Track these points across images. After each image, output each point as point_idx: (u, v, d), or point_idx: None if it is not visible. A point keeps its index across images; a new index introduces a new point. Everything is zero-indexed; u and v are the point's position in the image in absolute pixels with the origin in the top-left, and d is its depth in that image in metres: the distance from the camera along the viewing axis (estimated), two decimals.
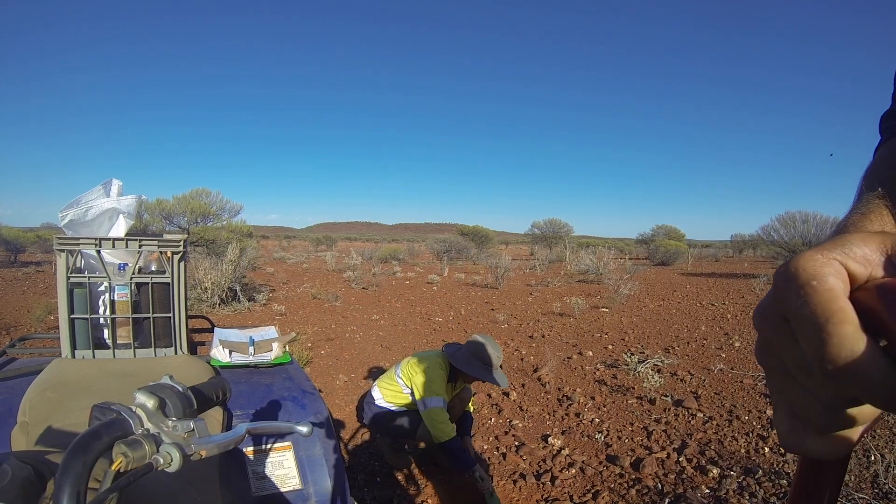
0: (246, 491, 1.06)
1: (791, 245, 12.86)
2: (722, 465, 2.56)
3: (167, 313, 1.41)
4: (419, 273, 14.22)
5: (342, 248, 28.76)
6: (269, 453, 1.13)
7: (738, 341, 5.23)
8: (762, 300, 0.29)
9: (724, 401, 3.48)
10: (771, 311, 0.28)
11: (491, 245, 22.93)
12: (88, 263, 1.40)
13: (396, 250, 20.14)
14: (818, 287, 0.25)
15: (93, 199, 1.45)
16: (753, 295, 9.12)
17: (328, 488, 1.12)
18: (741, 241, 27.18)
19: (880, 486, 2.24)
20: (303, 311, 7.49)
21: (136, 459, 0.55)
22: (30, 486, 0.56)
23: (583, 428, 3.14)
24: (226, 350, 1.43)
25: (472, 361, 2.51)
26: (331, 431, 1.23)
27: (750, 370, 4.16)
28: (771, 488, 2.31)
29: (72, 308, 1.33)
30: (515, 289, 10.51)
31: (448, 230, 34.01)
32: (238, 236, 10.90)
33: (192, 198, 11.22)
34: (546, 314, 7.31)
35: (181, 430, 0.60)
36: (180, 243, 1.39)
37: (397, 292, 9.81)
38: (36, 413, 1.01)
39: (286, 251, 25.88)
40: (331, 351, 5.16)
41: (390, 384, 2.60)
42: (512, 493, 2.41)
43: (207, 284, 7.45)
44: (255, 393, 1.27)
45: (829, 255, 0.26)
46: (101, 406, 0.60)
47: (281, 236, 68.57)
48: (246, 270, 9.39)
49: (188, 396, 0.66)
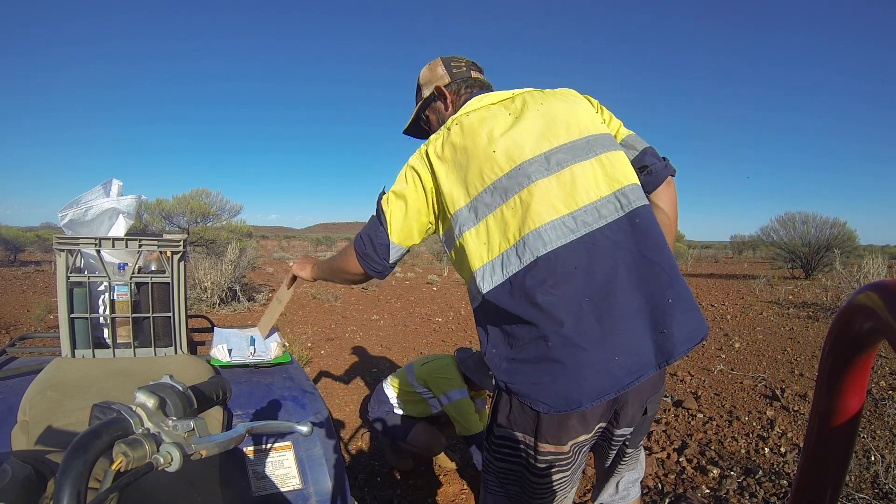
0: (246, 491, 1.06)
1: (790, 246, 12.86)
2: (722, 465, 2.56)
3: (167, 313, 1.41)
4: (419, 273, 14.22)
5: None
6: (269, 453, 1.13)
7: (738, 342, 5.23)
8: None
9: (723, 401, 3.48)
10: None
11: None
12: (88, 263, 1.40)
13: None
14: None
15: (92, 199, 1.46)
16: (753, 296, 9.12)
17: (328, 488, 1.12)
18: (741, 242, 27.17)
19: (880, 486, 2.24)
20: (302, 310, 7.49)
21: (136, 459, 0.55)
22: (30, 485, 0.56)
23: None
24: (226, 350, 1.43)
25: (482, 370, 2.38)
26: (331, 431, 1.23)
27: (750, 371, 4.17)
28: (771, 488, 2.31)
29: (72, 307, 1.33)
30: None
31: None
32: (238, 236, 10.90)
33: (192, 198, 11.21)
34: None
35: (181, 429, 0.60)
36: (180, 243, 1.39)
37: (397, 292, 9.81)
38: (36, 412, 1.01)
39: (286, 251, 25.89)
40: (331, 351, 5.16)
41: (402, 383, 2.57)
42: None
43: (207, 284, 7.45)
44: (255, 393, 1.27)
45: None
46: (101, 405, 0.60)
47: (280, 236, 68.60)
48: (246, 270, 9.39)
49: (188, 396, 0.66)
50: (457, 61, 1.33)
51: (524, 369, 0.98)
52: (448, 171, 1.07)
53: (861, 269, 7.83)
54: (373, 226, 1.15)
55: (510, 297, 0.98)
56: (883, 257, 8.51)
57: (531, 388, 0.97)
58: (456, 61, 1.33)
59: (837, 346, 0.43)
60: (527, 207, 0.99)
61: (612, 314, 0.95)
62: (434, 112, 1.35)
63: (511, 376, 1.00)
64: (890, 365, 4.18)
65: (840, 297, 7.56)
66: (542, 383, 0.96)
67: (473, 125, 1.07)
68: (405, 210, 1.11)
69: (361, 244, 1.16)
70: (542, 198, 1.00)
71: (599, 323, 0.94)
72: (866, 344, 0.40)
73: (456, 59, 1.34)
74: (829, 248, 12.10)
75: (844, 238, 12.33)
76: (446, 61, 1.32)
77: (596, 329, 0.94)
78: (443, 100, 1.31)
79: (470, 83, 1.29)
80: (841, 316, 0.42)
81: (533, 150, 1.03)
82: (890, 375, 3.93)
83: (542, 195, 1.00)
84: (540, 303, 0.95)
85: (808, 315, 6.85)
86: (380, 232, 1.12)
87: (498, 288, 1.00)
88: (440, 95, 1.31)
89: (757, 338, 5.47)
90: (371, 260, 1.15)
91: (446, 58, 1.34)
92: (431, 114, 1.36)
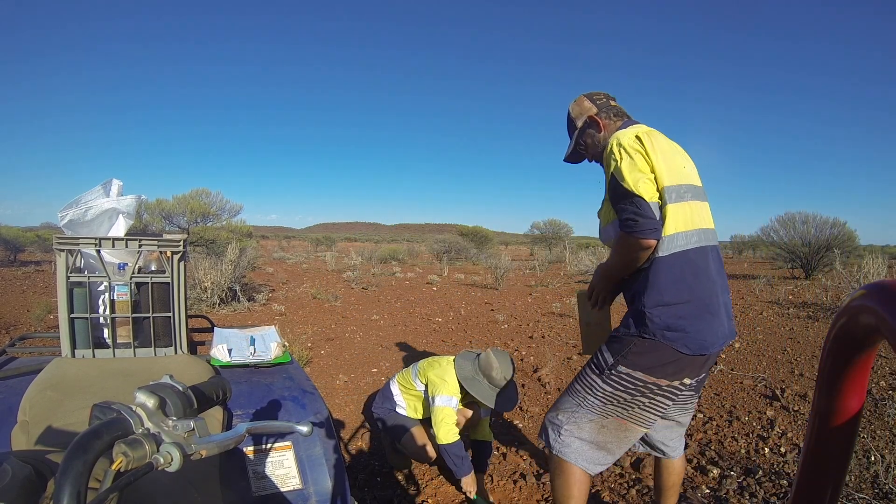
0: (246, 491, 1.06)
1: (790, 246, 12.85)
2: (722, 465, 2.56)
3: (167, 313, 1.41)
4: (419, 273, 14.22)
5: (342, 249, 28.75)
6: (269, 453, 1.13)
7: (738, 342, 5.23)
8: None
9: (723, 401, 3.49)
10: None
11: (490, 245, 22.92)
12: (88, 263, 1.40)
13: (396, 251, 20.14)
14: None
15: (92, 199, 1.46)
16: (753, 296, 9.12)
17: (328, 488, 1.12)
18: (741, 242, 27.19)
19: (880, 486, 2.24)
20: (302, 310, 7.49)
21: (136, 459, 0.55)
22: (30, 485, 0.56)
23: None
24: (226, 350, 1.43)
25: (475, 376, 2.34)
26: (331, 431, 1.23)
27: (750, 371, 4.17)
28: (771, 488, 2.31)
29: (72, 307, 1.33)
30: (515, 289, 10.50)
31: (448, 230, 34.05)
32: (238, 236, 10.89)
33: (192, 198, 11.21)
34: (546, 315, 7.31)
35: (181, 429, 0.60)
36: (180, 243, 1.39)
37: (397, 292, 9.81)
38: (36, 412, 1.01)
39: (286, 251, 25.87)
40: (331, 351, 5.16)
41: (406, 382, 2.58)
42: (512, 493, 2.41)
43: (207, 284, 7.45)
44: (255, 393, 1.27)
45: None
46: (101, 405, 0.60)
47: (280, 236, 68.59)
48: (245, 270, 9.39)
49: (188, 396, 0.66)
50: (597, 95, 1.71)
51: (677, 324, 1.40)
52: (657, 159, 1.44)
53: (861, 269, 7.82)
54: (629, 206, 1.43)
55: (677, 268, 1.43)
56: (883, 257, 8.51)
57: (680, 336, 1.40)
58: (596, 95, 1.71)
59: (837, 346, 0.43)
60: (687, 211, 1.46)
61: (716, 304, 1.47)
62: (589, 137, 1.69)
63: (664, 326, 1.41)
64: (890, 365, 4.18)
65: (840, 297, 7.56)
66: (688, 333, 1.40)
67: (664, 146, 1.50)
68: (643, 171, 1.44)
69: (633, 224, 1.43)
70: (689, 211, 1.46)
71: (711, 307, 1.45)
72: (866, 344, 0.40)
73: (595, 93, 1.72)
74: (829, 248, 12.10)
75: (844, 238, 12.33)
76: (589, 96, 1.71)
77: (712, 310, 1.45)
78: (595, 126, 1.67)
79: (615, 111, 1.67)
80: (841, 316, 0.42)
81: (690, 179, 1.52)
82: (890, 375, 3.93)
83: (688, 211, 1.46)
84: (691, 283, 1.43)
85: (808, 315, 6.85)
86: (637, 201, 1.41)
87: (671, 256, 1.43)
88: (592, 123, 1.67)
89: (757, 338, 5.47)
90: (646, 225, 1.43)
91: (588, 93, 1.72)
92: (588, 139, 1.70)
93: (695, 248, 1.45)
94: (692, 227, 1.45)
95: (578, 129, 1.68)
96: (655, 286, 1.42)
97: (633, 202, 1.39)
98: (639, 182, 1.39)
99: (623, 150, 1.43)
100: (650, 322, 1.41)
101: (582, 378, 1.56)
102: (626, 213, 1.41)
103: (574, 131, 1.70)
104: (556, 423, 1.57)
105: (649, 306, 1.42)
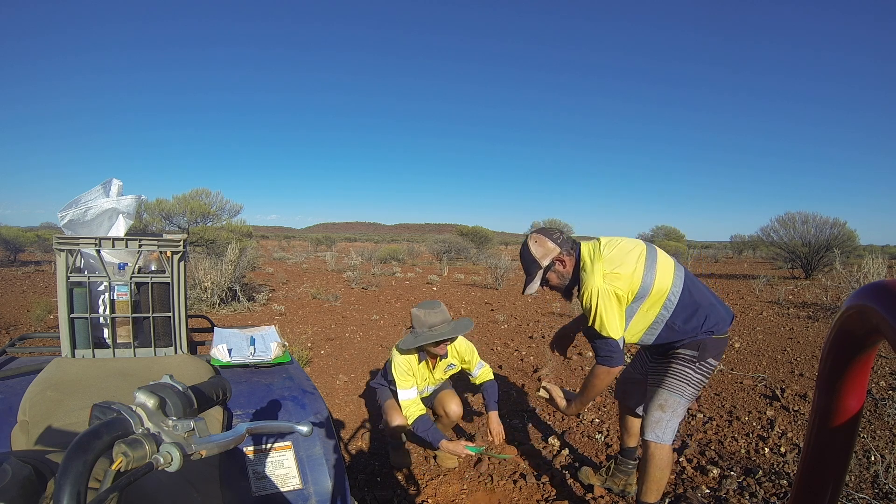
0: (246, 491, 1.05)
1: (790, 246, 12.85)
2: (722, 465, 2.56)
3: (167, 313, 1.41)
4: (419, 273, 14.22)
5: (342, 249, 28.75)
6: (269, 453, 1.13)
7: (738, 342, 5.23)
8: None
9: (723, 401, 3.49)
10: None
11: (490, 245, 22.93)
12: (88, 263, 1.40)
13: (396, 251, 20.13)
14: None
15: (92, 199, 1.45)
16: (753, 296, 9.12)
17: (328, 488, 1.12)
18: (741, 242, 27.17)
19: (880, 486, 2.24)
20: (302, 310, 7.49)
21: (136, 459, 0.55)
22: (30, 485, 0.56)
23: (583, 428, 3.14)
24: (226, 350, 1.43)
25: (416, 337, 2.43)
26: (331, 431, 1.23)
27: (750, 371, 4.17)
28: (771, 488, 2.31)
29: (72, 307, 1.33)
30: (515, 289, 10.50)
31: (448, 230, 34.04)
32: (238, 236, 10.89)
33: (192, 198, 11.21)
34: (546, 315, 7.31)
35: (181, 429, 0.60)
36: (180, 243, 1.39)
37: (397, 292, 9.81)
38: (36, 412, 1.01)
39: (286, 251, 25.87)
40: (331, 351, 5.16)
41: (389, 374, 2.67)
42: (512, 493, 2.40)
43: (207, 284, 7.45)
44: (255, 393, 1.27)
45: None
46: (101, 405, 0.60)
47: (280, 236, 68.59)
48: (245, 270, 9.39)
49: (188, 396, 0.66)
50: (552, 231, 1.97)
51: (711, 327, 1.89)
52: (624, 281, 1.84)
53: (861, 269, 7.82)
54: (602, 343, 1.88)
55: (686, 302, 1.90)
56: (883, 257, 8.51)
57: (717, 327, 1.90)
58: (551, 232, 1.97)
59: (837, 345, 0.43)
60: (664, 272, 1.91)
61: (713, 301, 1.95)
62: (554, 272, 1.97)
63: (708, 329, 1.89)
64: (890, 365, 4.18)
65: (840, 297, 7.56)
66: (717, 324, 1.90)
67: (619, 259, 1.87)
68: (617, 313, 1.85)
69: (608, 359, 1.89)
70: (664, 271, 1.90)
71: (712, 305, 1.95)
72: (866, 344, 0.40)
73: (550, 230, 1.97)
74: (829, 248, 12.10)
75: (844, 238, 12.33)
76: (548, 235, 1.95)
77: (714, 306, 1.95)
78: (560, 263, 1.95)
79: (570, 244, 1.96)
80: (841, 316, 0.42)
81: (644, 257, 1.92)
82: (890, 375, 3.93)
83: (664, 271, 1.90)
84: (701, 302, 1.92)
85: (808, 315, 6.85)
86: (610, 342, 1.85)
87: (678, 301, 1.89)
88: (558, 261, 1.94)
89: (757, 338, 5.47)
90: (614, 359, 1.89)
91: (544, 232, 1.96)
92: (552, 275, 1.97)
93: (683, 287, 1.90)
94: (672, 279, 1.88)
95: (544, 268, 1.94)
96: (687, 318, 1.90)
97: (608, 343, 1.84)
98: (612, 327, 1.82)
99: (599, 298, 1.80)
100: (706, 328, 1.91)
101: (675, 375, 1.92)
102: (602, 350, 1.87)
103: (538, 269, 1.95)
104: (664, 418, 1.88)
105: (698, 326, 1.92)
